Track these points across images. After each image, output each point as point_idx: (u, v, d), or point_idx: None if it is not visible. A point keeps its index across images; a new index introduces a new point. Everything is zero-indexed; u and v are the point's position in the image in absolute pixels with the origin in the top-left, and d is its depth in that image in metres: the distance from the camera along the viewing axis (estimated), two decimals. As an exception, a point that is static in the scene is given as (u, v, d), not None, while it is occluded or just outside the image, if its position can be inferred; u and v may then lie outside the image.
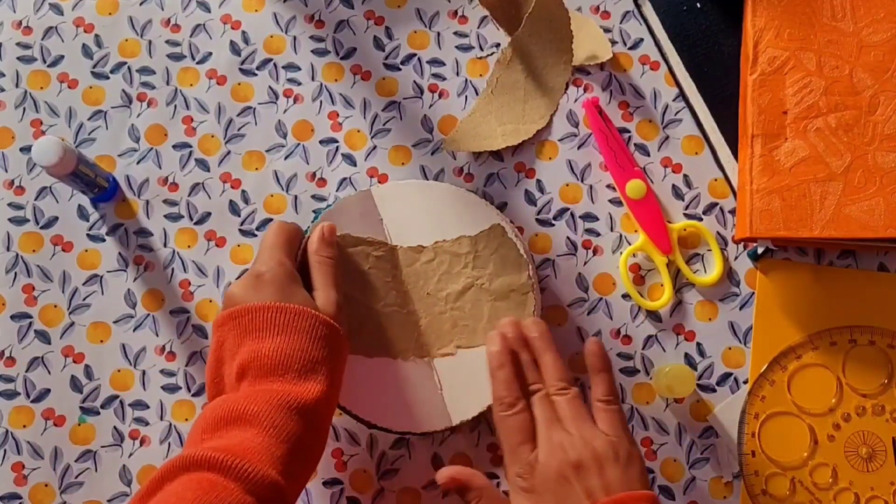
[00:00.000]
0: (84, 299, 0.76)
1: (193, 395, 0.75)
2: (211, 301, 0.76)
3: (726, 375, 0.75)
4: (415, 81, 0.79)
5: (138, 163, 0.78)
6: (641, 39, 0.80)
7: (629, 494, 0.60)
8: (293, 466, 0.58)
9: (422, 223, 0.73)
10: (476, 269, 0.72)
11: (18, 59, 0.79)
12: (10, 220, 0.77)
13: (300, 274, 0.68)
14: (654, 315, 0.76)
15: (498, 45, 0.80)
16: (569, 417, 0.64)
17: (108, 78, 0.79)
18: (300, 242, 0.70)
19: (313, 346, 0.63)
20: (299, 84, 0.79)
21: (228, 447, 0.57)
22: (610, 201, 0.77)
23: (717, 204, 0.77)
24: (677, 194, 0.77)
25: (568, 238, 0.77)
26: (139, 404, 0.75)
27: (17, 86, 0.79)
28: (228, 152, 0.78)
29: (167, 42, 0.80)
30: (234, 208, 0.77)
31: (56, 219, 0.77)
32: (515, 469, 0.63)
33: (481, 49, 0.80)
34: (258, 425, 0.58)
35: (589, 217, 0.77)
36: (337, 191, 0.77)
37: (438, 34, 0.80)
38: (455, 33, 0.80)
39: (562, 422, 0.64)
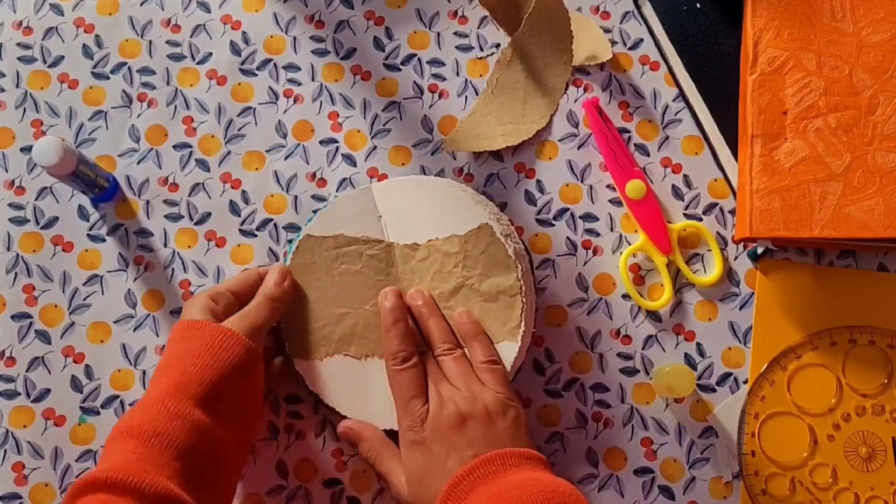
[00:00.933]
0: (84, 299, 0.76)
1: (193, 395, 0.75)
2: (211, 301, 0.76)
3: (726, 375, 0.75)
4: (415, 82, 0.79)
5: (138, 163, 0.78)
6: (641, 39, 0.80)
7: (515, 450, 0.62)
8: (190, 475, 0.58)
9: (418, 220, 0.73)
10: (466, 269, 0.72)
11: (19, 59, 0.79)
12: (10, 220, 0.77)
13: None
14: (654, 315, 0.76)
15: (498, 45, 0.80)
16: (457, 375, 0.67)
17: (108, 78, 0.79)
18: (246, 287, 0.71)
19: (207, 356, 0.63)
20: (299, 84, 0.79)
21: (116, 465, 0.57)
22: (610, 201, 0.77)
23: (716, 204, 0.77)
24: (677, 194, 0.77)
25: (568, 238, 0.77)
26: (139, 404, 0.75)
27: (17, 86, 0.79)
28: (228, 152, 0.78)
29: (167, 42, 0.80)
30: (234, 208, 0.77)
31: (56, 219, 0.77)
32: (406, 422, 0.65)
33: (481, 49, 0.80)
34: (140, 436, 0.58)
35: (589, 217, 0.77)
36: (337, 191, 0.77)
37: (438, 34, 0.80)
38: (455, 33, 0.80)
39: (450, 379, 0.67)
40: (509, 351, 0.70)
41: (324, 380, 0.71)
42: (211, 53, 0.79)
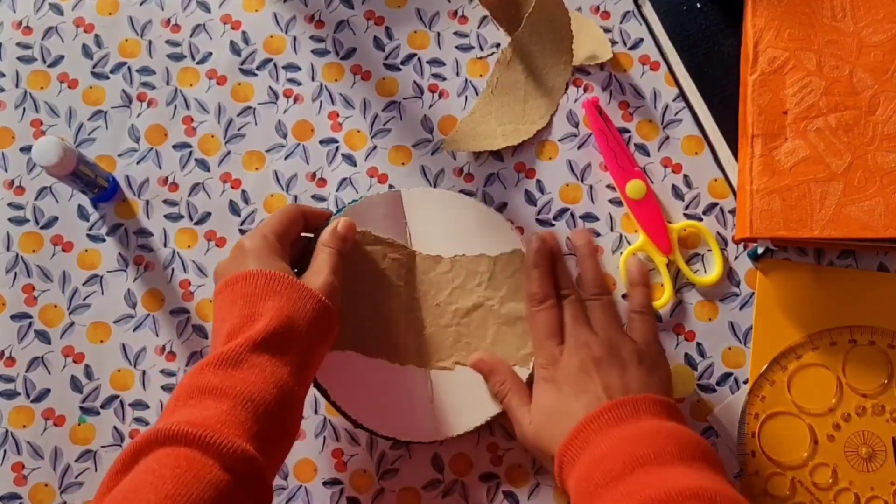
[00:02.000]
0: (84, 299, 0.76)
1: (193, 395, 0.75)
2: (211, 301, 0.76)
3: (726, 375, 0.75)
4: (415, 81, 0.79)
5: (138, 163, 0.78)
6: (641, 39, 0.80)
7: (647, 396, 0.61)
8: (269, 442, 0.57)
9: (444, 234, 0.73)
10: (489, 290, 0.72)
11: (18, 59, 0.79)
12: (10, 220, 0.77)
13: (306, 259, 0.68)
14: (654, 315, 0.76)
15: (498, 45, 0.80)
16: (599, 320, 0.68)
17: (108, 78, 0.79)
18: (300, 227, 0.70)
19: (298, 315, 0.61)
20: (299, 84, 0.79)
21: (203, 420, 0.55)
22: (610, 201, 0.77)
23: (717, 204, 0.77)
24: (677, 194, 0.77)
25: (568, 238, 0.77)
26: (139, 404, 0.75)
27: (17, 86, 0.79)
28: (228, 152, 0.78)
29: (167, 42, 0.80)
30: (234, 208, 0.77)
31: (56, 219, 0.77)
32: (540, 360, 0.67)
33: (481, 49, 0.80)
34: (233, 398, 0.57)
35: (589, 217, 0.77)
36: (337, 191, 0.77)
37: (438, 34, 0.80)
38: (455, 33, 0.80)
39: (591, 324, 0.67)
40: (520, 376, 0.71)
41: (330, 371, 0.70)
42: (211, 53, 0.79)
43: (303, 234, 0.71)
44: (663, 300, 0.75)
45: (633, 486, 0.55)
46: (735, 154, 0.76)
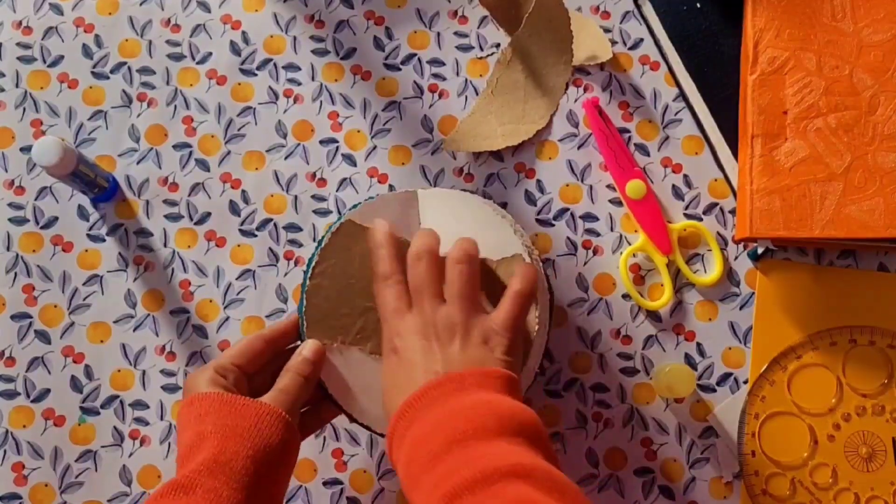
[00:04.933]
0: (84, 299, 0.76)
1: (193, 395, 0.75)
2: (211, 301, 0.76)
3: (726, 375, 0.75)
4: (415, 81, 0.79)
5: (138, 163, 0.78)
6: (641, 39, 0.80)
7: (475, 370, 0.59)
8: None
9: (456, 236, 0.72)
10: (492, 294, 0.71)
11: (18, 59, 0.79)
12: (10, 220, 0.77)
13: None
14: (654, 315, 0.76)
15: (498, 45, 0.80)
16: (452, 290, 0.63)
17: (108, 78, 0.79)
18: (264, 357, 0.67)
19: (253, 437, 0.60)
20: (299, 84, 0.79)
21: None
22: (610, 201, 0.77)
23: (717, 204, 0.77)
24: (677, 194, 0.77)
25: (568, 238, 0.77)
26: (139, 404, 0.75)
27: (17, 86, 0.79)
28: (228, 152, 0.78)
29: (167, 42, 0.80)
30: (234, 208, 0.77)
31: (56, 219, 0.77)
32: (386, 332, 0.64)
33: (481, 49, 0.80)
34: (193, 493, 0.56)
35: (589, 217, 0.77)
36: (337, 191, 0.77)
37: (438, 34, 0.80)
38: (455, 33, 0.80)
39: (444, 293, 0.63)
40: None
41: (332, 368, 0.70)
42: (211, 53, 0.79)
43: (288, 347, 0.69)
44: (663, 300, 0.75)
45: (451, 465, 0.53)
46: (735, 154, 0.76)
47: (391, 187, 0.78)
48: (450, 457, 0.54)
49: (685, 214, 0.77)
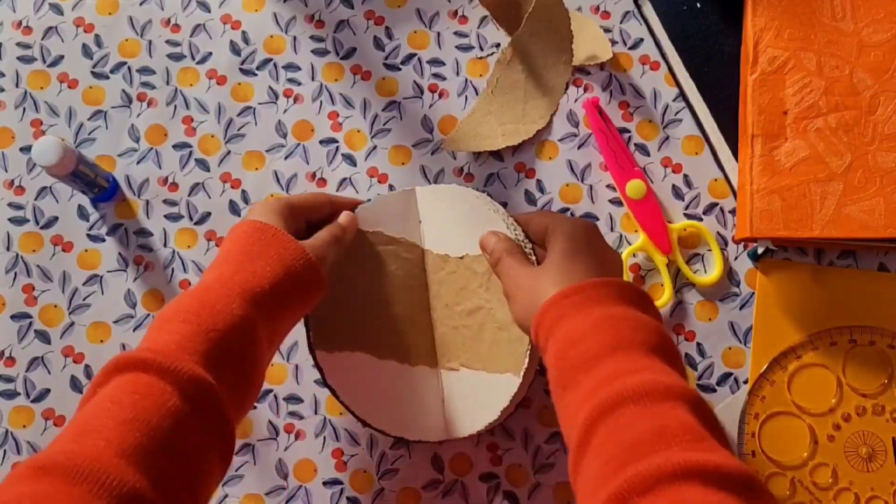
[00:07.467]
0: (84, 299, 0.76)
1: (193, 395, 0.75)
2: (211, 301, 0.76)
3: (726, 375, 0.75)
4: (415, 81, 0.79)
5: (138, 163, 0.78)
6: (641, 39, 0.80)
7: (635, 287, 0.62)
8: (227, 373, 0.57)
9: (456, 232, 0.71)
10: (488, 293, 0.70)
11: (18, 59, 0.79)
12: (10, 220, 0.77)
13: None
14: (654, 315, 0.76)
15: (498, 45, 0.80)
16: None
17: (108, 78, 0.79)
18: (322, 212, 0.70)
19: (278, 267, 0.63)
20: (299, 84, 0.79)
21: (163, 345, 0.56)
22: (610, 201, 0.77)
23: (717, 204, 0.77)
24: (677, 194, 0.77)
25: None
26: (139, 404, 0.75)
27: (17, 86, 0.79)
28: (228, 152, 0.78)
29: (167, 42, 0.80)
30: (234, 208, 0.77)
31: (56, 219, 0.77)
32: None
33: (481, 49, 0.80)
34: (197, 324, 0.57)
35: (589, 217, 0.77)
36: (337, 191, 0.77)
37: (438, 34, 0.80)
38: (455, 33, 0.80)
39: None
40: (510, 384, 0.68)
41: (342, 374, 0.70)
42: (211, 53, 0.79)
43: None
44: (663, 300, 0.75)
45: (609, 372, 0.55)
46: (735, 154, 0.76)
47: (391, 187, 0.78)
48: (611, 361, 0.55)
49: (685, 214, 0.77)
